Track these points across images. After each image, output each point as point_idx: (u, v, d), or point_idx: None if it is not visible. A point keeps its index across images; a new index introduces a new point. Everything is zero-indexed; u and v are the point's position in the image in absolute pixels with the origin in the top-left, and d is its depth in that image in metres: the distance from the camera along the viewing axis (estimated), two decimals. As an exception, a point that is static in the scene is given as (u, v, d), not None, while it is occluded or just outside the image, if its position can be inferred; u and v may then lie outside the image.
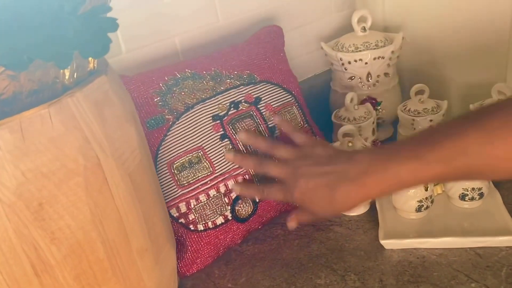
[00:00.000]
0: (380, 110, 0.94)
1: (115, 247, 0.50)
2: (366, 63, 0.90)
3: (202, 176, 0.71)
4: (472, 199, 0.73)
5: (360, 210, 0.79)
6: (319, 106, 1.04)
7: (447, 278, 0.64)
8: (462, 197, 0.73)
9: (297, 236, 0.77)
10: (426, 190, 0.72)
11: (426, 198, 0.73)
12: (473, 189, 0.72)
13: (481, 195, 0.73)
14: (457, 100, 0.94)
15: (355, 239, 0.74)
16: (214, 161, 0.72)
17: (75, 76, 0.47)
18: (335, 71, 0.97)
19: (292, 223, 0.66)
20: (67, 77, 0.46)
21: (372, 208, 0.79)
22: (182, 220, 0.71)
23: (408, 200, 0.73)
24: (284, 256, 0.74)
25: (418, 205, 0.73)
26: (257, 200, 0.75)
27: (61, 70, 0.45)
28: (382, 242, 0.70)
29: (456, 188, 0.74)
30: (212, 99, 0.73)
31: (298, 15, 1.00)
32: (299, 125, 0.80)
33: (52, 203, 0.44)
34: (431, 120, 0.84)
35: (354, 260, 0.70)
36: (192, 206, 0.71)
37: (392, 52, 0.90)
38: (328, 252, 0.73)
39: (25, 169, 0.42)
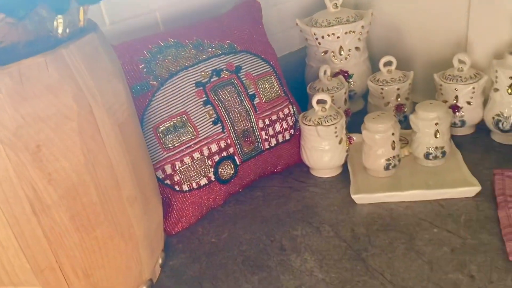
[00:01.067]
0: (351, 82, 1.00)
1: (106, 192, 0.54)
2: (338, 37, 0.95)
3: (186, 139, 0.75)
4: (436, 157, 0.80)
5: (333, 172, 0.85)
6: (295, 81, 1.09)
7: (412, 225, 0.70)
8: (427, 156, 0.80)
9: (276, 196, 0.82)
10: (393, 149, 0.78)
11: (394, 156, 0.79)
12: (436, 148, 0.79)
13: (443, 153, 0.79)
14: (422, 70, 1.01)
15: (329, 197, 0.80)
16: (197, 125, 0.76)
17: (67, 31, 0.51)
18: (310, 46, 1.02)
19: None
20: (60, 31, 0.50)
21: (345, 170, 0.85)
22: (167, 181, 0.75)
23: (377, 159, 0.79)
24: (264, 213, 0.79)
25: (386, 164, 0.79)
26: (238, 164, 0.79)
27: (55, 24, 0.48)
28: (353, 197, 0.76)
29: (421, 148, 0.80)
30: (195, 66, 0.78)
31: (275, -7, 1.04)
32: (277, 93, 0.85)
33: (48, 146, 0.48)
34: (398, 89, 0.90)
35: (328, 214, 0.76)
36: (177, 168, 0.75)
37: (362, 27, 0.95)
38: (304, 208, 0.78)
39: (24, 113, 0.46)
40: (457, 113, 0.87)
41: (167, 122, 0.74)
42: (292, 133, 0.86)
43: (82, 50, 0.51)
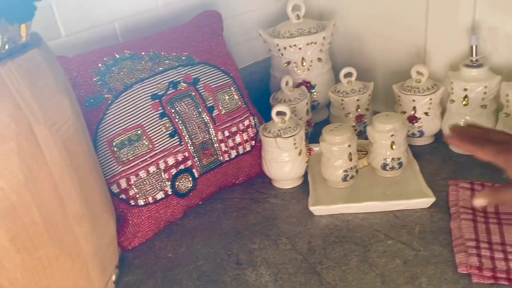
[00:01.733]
0: (314, 93, 1.01)
1: (50, 211, 0.53)
2: (300, 48, 0.96)
3: (141, 153, 0.74)
4: (393, 168, 0.80)
5: (294, 183, 0.85)
6: (260, 91, 1.09)
7: (368, 237, 0.71)
8: (384, 166, 0.81)
9: (236, 208, 0.82)
10: (350, 160, 0.79)
11: (351, 168, 0.79)
12: (392, 159, 0.80)
13: (400, 164, 0.80)
14: (384, 81, 1.02)
15: (288, 208, 0.80)
16: (153, 138, 0.75)
17: (6, 47, 0.50)
18: (273, 56, 1.02)
19: (480, 200, 0.56)
20: (-2, 48, 0.48)
21: (306, 181, 0.85)
22: (123, 196, 0.74)
23: (335, 170, 0.79)
24: (223, 226, 0.78)
25: (344, 175, 0.79)
26: (196, 176, 0.79)
27: (-8, 41, 0.47)
28: (311, 208, 0.76)
29: (378, 159, 0.81)
30: (150, 79, 0.77)
31: (238, 3, 1.04)
32: (237, 105, 0.84)
33: (-16, 166, 0.46)
34: (358, 100, 0.91)
35: (287, 226, 0.76)
36: (132, 182, 0.74)
37: (324, 38, 0.96)
38: (263, 220, 0.78)
39: (-44, 133, 0.44)
40: (415, 123, 0.88)
41: (122, 136, 0.73)
42: (253, 144, 0.86)
43: (22, 67, 0.49)
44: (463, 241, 0.64)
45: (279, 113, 0.83)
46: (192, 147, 0.78)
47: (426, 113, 0.87)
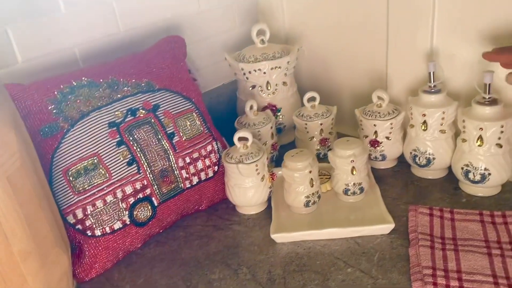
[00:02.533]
0: (280, 116, 1.01)
1: (-8, 250, 0.51)
2: (264, 72, 0.96)
3: (98, 182, 0.72)
4: (354, 193, 0.81)
5: (258, 208, 0.84)
6: (228, 113, 1.09)
7: (328, 265, 0.70)
8: (345, 191, 0.81)
9: (198, 236, 0.81)
10: (312, 186, 0.78)
11: (313, 193, 0.79)
12: (354, 184, 0.80)
13: (361, 189, 0.81)
14: (348, 104, 1.03)
15: (251, 236, 0.79)
16: (110, 167, 0.74)
17: None
18: (239, 80, 1.02)
19: None
20: None
21: (270, 206, 0.84)
22: (79, 226, 0.72)
23: (297, 196, 0.79)
24: (183, 256, 0.77)
25: (306, 201, 0.79)
26: (156, 205, 0.77)
27: None
28: (272, 236, 0.76)
29: (340, 184, 0.81)
30: (108, 106, 0.76)
31: (204, 27, 1.04)
32: (199, 131, 0.84)
33: None
34: (321, 124, 0.91)
35: (248, 255, 0.75)
36: (89, 212, 0.72)
37: (288, 62, 0.97)
38: (225, 249, 0.77)
39: None
40: (377, 147, 0.89)
41: (78, 165, 0.72)
42: (216, 170, 0.85)
43: (-40, 101, 0.48)
44: (420, 268, 0.64)
45: (241, 139, 0.82)
46: (151, 175, 0.76)
47: (387, 137, 0.88)
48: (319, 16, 1.01)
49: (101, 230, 0.73)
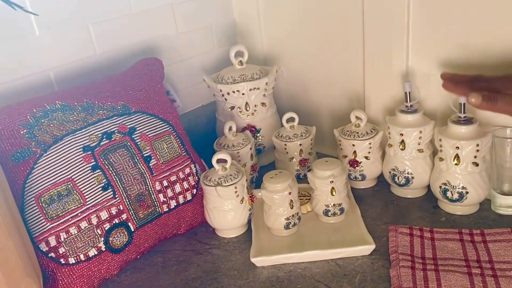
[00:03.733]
0: (260, 137, 1.00)
1: (-45, 283, 0.48)
2: (243, 93, 0.96)
3: (72, 208, 0.70)
4: (334, 214, 0.80)
5: (238, 231, 0.83)
6: (207, 135, 1.08)
7: (309, 289, 0.69)
8: (326, 212, 0.80)
9: (176, 262, 0.79)
10: (292, 208, 0.78)
11: (293, 215, 0.78)
12: (334, 205, 0.79)
13: (341, 210, 0.80)
14: (328, 124, 1.03)
15: (231, 260, 0.77)
16: (85, 192, 0.72)
17: None
18: (218, 101, 1.02)
19: (473, 98, 0.62)
20: None
21: (250, 228, 0.83)
22: (52, 254, 0.70)
23: (277, 218, 0.78)
24: (161, 282, 0.74)
25: (286, 223, 0.78)
26: (132, 230, 0.75)
27: None
28: (253, 260, 0.74)
29: (320, 205, 0.80)
30: (82, 130, 0.74)
31: (182, 49, 1.04)
32: (177, 153, 0.82)
33: None
34: (300, 144, 0.91)
35: (227, 280, 0.73)
36: (62, 239, 0.70)
37: (267, 83, 0.97)
38: (204, 274, 0.75)
39: None
40: (356, 167, 0.89)
41: (51, 191, 0.70)
42: (195, 192, 0.83)
43: None
44: (401, 290, 0.64)
45: (220, 161, 0.81)
46: (127, 200, 0.75)
47: (366, 157, 0.88)
48: (298, 38, 1.02)
49: (75, 258, 0.70)
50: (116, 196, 0.74)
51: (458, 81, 0.69)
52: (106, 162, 0.74)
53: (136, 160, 0.77)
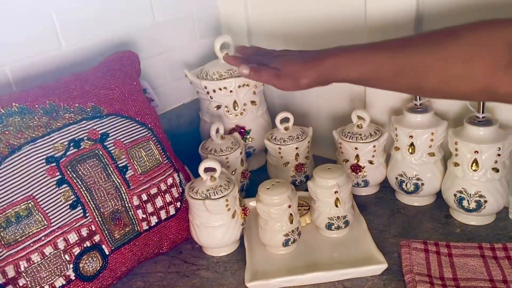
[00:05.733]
0: (249, 139, 0.90)
1: None
2: (231, 91, 0.86)
3: (33, 231, 0.59)
4: (339, 228, 0.71)
5: (229, 249, 0.73)
6: (190, 137, 0.98)
7: (315, 319, 0.60)
8: (329, 226, 0.71)
9: (159, 287, 0.68)
10: (291, 223, 0.68)
11: (293, 231, 0.69)
12: (338, 217, 0.70)
13: (346, 223, 0.71)
14: (324, 124, 0.94)
15: (222, 284, 0.68)
16: (49, 212, 0.60)
17: None
18: (202, 99, 0.91)
19: (243, 69, 0.64)
20: None
21: (242, 244, 0.73)
22: (10, 287, 0.58)
23: (275, 234, 0.68)
24: (142, 313, 0.64)
25: (285, 239, 0.69)
26: (107, 253, 0.65)
27: None
28: (248, 285, 0.65)
29: (322, 218, 0.71)
30: (45, 138, 0.63)
31: (160, 41, 0.93)
32: (158, 161, 0.72)
33: None
34: (296, 148, 0.82)
35: (219, 310, 0.63)
36: (23, 268, 0.58)
37: (257, 79, 0.87)
38: (191, 303, 0.65)
39: None
40: (359, 173, 0.80)
41: (7, 211, 0.58)
42: (179, 206, 0.73)
43: None
44: (423, 321, 0.55)
45: (208, 169, 0.71)
46: (100, 219, 0.64)
47: (370, 162, 0.79)
48: (290, 28, 0.92)
49: (38, 291, 0.59)
50: (87, 215, 0.63)
51: (244, 53, 0.71)
52: (74, 175, 0.63)
53: (109, 171, 0.66)
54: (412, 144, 0.74)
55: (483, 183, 0.68)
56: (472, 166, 0.68)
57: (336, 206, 0.69)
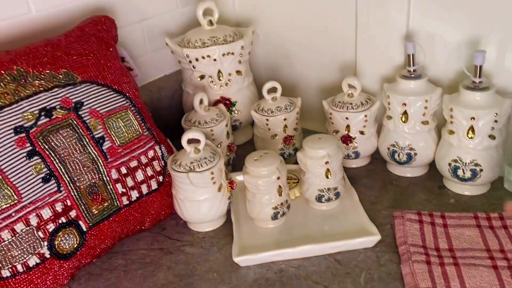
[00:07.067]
0: (235, 111, 0.86)
1: None
2: (214, 59, 0.81)
3: (2, 207, 0.55)
4: (329, 200, 0.68)
5: (215, 224, 0.70)
6: (172, 110, 0.93)
7: (306, 292, 0.57)
8: (319, 198, 0.68)
9: (141, 264, 0.65)
10: (280, 195, 0.65)
11: (282, 204, 0.66)
12: (328, 189, 0.67)
13: (337, 195, 0.68)
14: (313, 94, 0.90)
15: (208, 260, 0.64)
16: (19, 186, 0.56)
17: None
18: (184, 70, 0.87)
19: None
20: None
21: (229, 219, 0.70)
22: (-21, 267, 0.54)
23: (263, 208, 0.65)
24: (124, 292, 0.61)
25: (274, 212, 0.65)
26: (85, 230, 0.60)
27: None
28: (236, 260, 0.61)
29: (312, 189, 0.68)
30: (13, 106, 0.58)
31: (140, 7, 0.87)
32: (137, 132, 0.67)
33: None
34: (285, 119, 0.78)
35: (206, 285, 0.60)
36: (-8, 246, 0.54)
37: (242, 47, 0.82)
38: (176, 279, 0.62)
39: None
40: (349, 144, 0.77)
41: (-28, 186, 0.54)
42: (161, 180, 0.69)
43: None
44: (419, 292, 0.53)
45: (191, 141, 0.67)
46: (75, 193, 0.60)
47: (361, 132, 0.76)
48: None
49: (10, 270, 0.55)
50: (61, 189, 0.58)
51: None
52: (46, 147, 0.58)
53: (85, 142, 0.61)
54: (405, 112, 0.71)
55: (479, 151, 0.66)
56: (468, 133, 0.65)
57: (327, 177, 0.66)
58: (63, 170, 0.59)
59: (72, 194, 0.59)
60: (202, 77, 0.84)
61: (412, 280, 0.55)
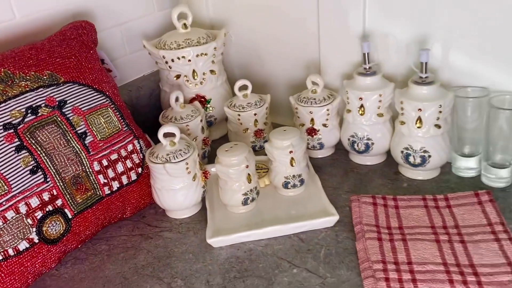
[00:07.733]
0: (210, 108, 0.93)
1: None
2: (189, 60, 0.87)
3: (-6, 196, 0.60)
4: (294, 186, 0.75)
5: (191, 211, 0.76)
6: (150, 108, 0.99)
7: (272, 267, 0.64)
8: (285, 185, 0.75)
9: (123, 249, 0.71)
10: (250, 182, 0.71)
11: (251, 190, 0.72)
12: (293, 176, 0.74)
13: (301, 181, 0.75)
14: (282, 92, 0.97)
15: (184, 243, 0.71)
16: (9, 177, 0.61)
17: None
18: (161, 70, 0.93)
19: None
20: None
21: (204, 208, 0.76)
22: (-27, 252, 0.59)
23: (234, 194, 0.72)
24: (107, 273, 0.66)
25: (244, 198, 0.72)
26: (70, 217, 0.66)
27: None
28: (209, 241, 0.68)
29: (279, 177, 0.75)
30: (2, 105, 0.63)
31: (118, 12, 0.93)
32: (117, 128, 0.73)
33: None
34: (255, 114, 0.85)
35: (182, 265, 0.66)
36: (-16, 233, 0.59)
37: (215, 48, 0.88)
38: (155, 261, 0.68)
39: None
40: (314, 136, 0.84)
41: (-34, 178, 0.59)
42: (140, 172, 0.75)
43: None
44: (370, 264, 0.60)
45: (167, 135, 0.73)
46: (61, 183, 0.65)
47: (324, 125, 0.83)
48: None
49: (2, 254, 0.60)
50: (48, 179, 0.64)
51: None
52: (33, 141, 0.64)
53: (69, 137, 0.67)
54: (362, 106, 0.78)
55: (427, 139, 0.73)
56: (416, 123, 0.73)
57: (292, 165, 0.73)
58: (49, 162, 0.64)
59: (58, 184, 0.65)
60: (178, 76, 0.90)
61: (365, 255, 0.62)
